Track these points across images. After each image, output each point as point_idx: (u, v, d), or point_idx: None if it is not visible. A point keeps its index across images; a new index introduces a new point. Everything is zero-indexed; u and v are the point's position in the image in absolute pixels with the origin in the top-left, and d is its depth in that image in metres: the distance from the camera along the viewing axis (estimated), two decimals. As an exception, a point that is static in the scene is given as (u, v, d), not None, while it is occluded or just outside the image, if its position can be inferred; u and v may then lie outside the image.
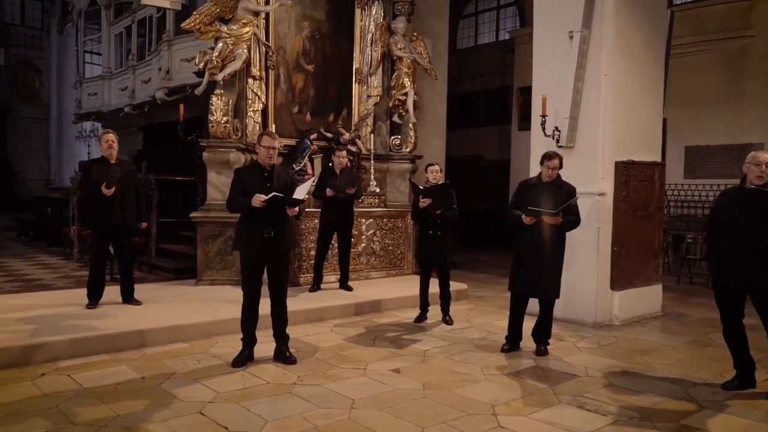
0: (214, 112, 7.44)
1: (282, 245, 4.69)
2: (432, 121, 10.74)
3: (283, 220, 4.67)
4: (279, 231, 4.65)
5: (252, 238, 4.61)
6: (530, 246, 5.04)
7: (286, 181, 4.75)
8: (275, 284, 4.77)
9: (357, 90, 9.09)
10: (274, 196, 4.40)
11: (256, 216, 4.57)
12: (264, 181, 4.64)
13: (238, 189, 4.66)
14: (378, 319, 6.52)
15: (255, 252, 4.61)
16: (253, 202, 4.45)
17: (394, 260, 8.58)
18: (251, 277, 4.67)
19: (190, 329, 5.49)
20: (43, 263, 9.88)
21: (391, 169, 9.33)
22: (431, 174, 6.20)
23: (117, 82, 15.02)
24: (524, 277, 5.10)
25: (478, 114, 15.58)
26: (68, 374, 4.47)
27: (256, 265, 4.68)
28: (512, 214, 5.11)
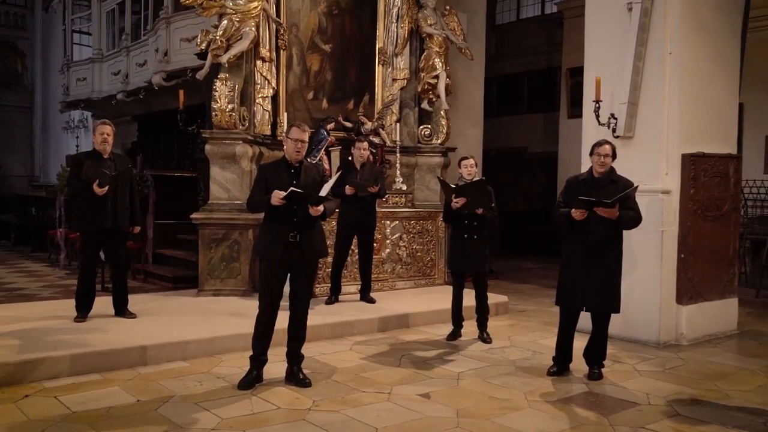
0: (218, 98, 7.52)
1: (309, 251, 4.71)
2: (467, 108, 10.71)
3: (311, 223, 4.70)
4: (306, 235, 4.68)
5: (274, 241, 4.65)
6: (581, 250, 5.00)
7: (315, 178, 4.78)
8: (297, 297, 4.80)
9: (381, 73, 9.11)
10: (293, 192, 4.44)
11: (279, 217, 4.62)
12: (290, 179, 4.68)
13: (260, 187, 4.71)
14: (404, 336, 6.51)
15: (277, 258, 4.65)
16: (272, 200, 4.50)
17: (423, 268, 8.57)
18: (270, 287, 4.71)
19: (190, 346, 5.55)
20: (27, 270, 10.09)
21: (419, 164, 9.33)
22: (465, 169, 6.19)
23: (109, 65, 15.26)
24: (574, 287, 5.05)
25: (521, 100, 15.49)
26: (55, 396, 4.54)
27: (277, 273, 4.70)
28: (560, 213, 5.07)
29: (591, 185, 5.04)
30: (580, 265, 5.01)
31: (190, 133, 9.32)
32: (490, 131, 12.03)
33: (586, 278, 4.99)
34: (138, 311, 6.43)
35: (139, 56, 13.78)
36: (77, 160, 6.20)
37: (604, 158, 5.02)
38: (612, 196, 4.84)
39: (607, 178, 5.04)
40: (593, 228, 4.93)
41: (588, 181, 5.10)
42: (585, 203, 4.83)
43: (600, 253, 4.97)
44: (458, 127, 10.13)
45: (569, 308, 5.19)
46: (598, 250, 4.97)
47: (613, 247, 5.04)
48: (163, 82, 12.15)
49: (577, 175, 5.30)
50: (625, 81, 6.49)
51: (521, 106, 15.37)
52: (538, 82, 15.09)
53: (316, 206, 4.58)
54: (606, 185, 5.01)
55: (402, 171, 8.97)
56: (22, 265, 10.78)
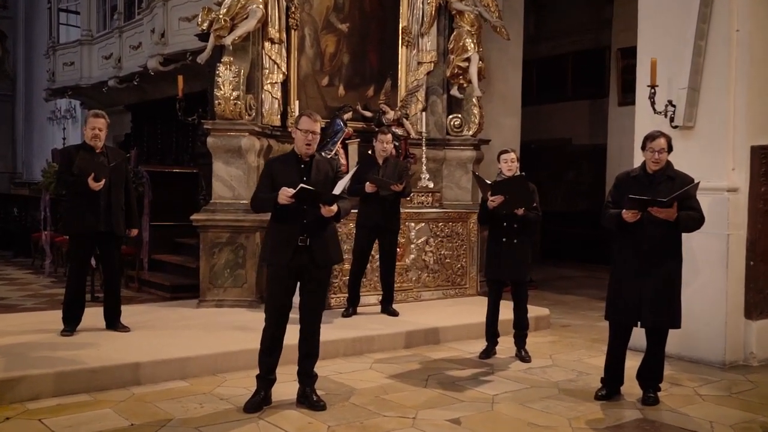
0: (222, 85, 7.57)
1: (320, 257, 4.72)
2: (503, 95, 10.67)
3: (322, 225, 4.71)
4: (317, 238, 4.69)
5: (281, 246, 4.67)
6: (634, 257, 4.95)
7: (328, 174, 4.79)
8: (308, 308, 4.81)
9: (404, 55, 9.11)
10: (302, 189, 4.44)
11: (287, 218, 4.63)
12: (300, 175, 4.69)
13: (266, 184, 4.73)
14: (432, 353, 6.50)
15: (284, 264, 4.66)
16: (279, 198, 4.51)
17: (453, 276, 8.56)
18: (278, 296, 4.72)
19: (190, 364, 5.59)
20: (8, 278, 10.22)
21: (448, 158, 9.32)
22: (505, 164, 6.16)
23: (99, 48, 15.42)
24: (627, 300, 5.01)
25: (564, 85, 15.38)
26: (39, 418, 4.58)
27: (285, 281, 4.72)
28: (608, 214, 5.03)
29: (644, 182, 5.00)
30: (634, 274, 4.96)
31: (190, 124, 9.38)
32: (528, 121, 11.95)
33: (641, 289, 4.94)
34: (132, 324, 6.48)
35: (133, 38, 13.90)
36: (67, 153, 6.27)
37: (658, 154, 4.95)
38: (668, 193, 4.78)
39: (662, 174, 4.99)
40: (648, 231, 4.88)
41: (641, 177, 5.05)
42: (637, 203, 4.77)
43: (656, 260, 4.92)
44: (492, 117, 10.09)
45: (621, 323, 5.15)
46: (654, 257, 4.92)
47: (671, 254, 4.99)
48: (160, 67, 12.24)
49: (628, 171, 5.25)
50: (684, 63, 6.42)
51: (565, 92, 15.25)
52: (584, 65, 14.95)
53: (329, 205, 4.57)
54: (662, 182, 4.96)
55: (428, 166, 8.95)
56: (2, 272, 10.92)
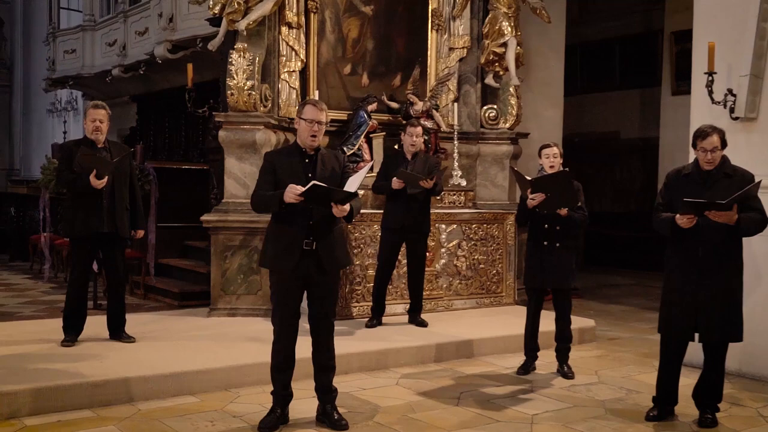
0: (235, 74, 7.61)
1: (328, 261, 4.72)
2: (543, 84, 10.61)
3: (329, 226, 4.71)
4: (324, 241, 4.69)
5: (285, 250, 4.66)
6: (690, 264, 4.90)
7: (335, 169, 4.79)
8: (318, 317, 4.82)
9: (435, 40, 9.10)
10: (314, 186, 4.43)
11: (291, 218, 4.62)
12: (304, 170, 4.69)
13: (267, 179, 4.72)
14: (465, 368, 6.49)
15: (289, 270, 4.67)
16: (285, 196, 4.48)
17: (488, 284, 8.53)
18: (284, 306, 4.73)
19: (201, 378, 5.62)
20: (4, 283, 10.36)
21: (482, 153, 9.29)
22: (547, 160, 6.14)
23: (102, 34, 15.57)
24: (681, 310, 4.96)
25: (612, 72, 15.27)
26: (38, 436, 4.65)
27: (290, 289, 4.72)
28: (660, 218, 4.98)
29: (698, 181, 4.93)
30: (689, 283, 4.91)
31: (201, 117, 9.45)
32: (571, 112, 11.89)
33: (697, 299, 4.89)
34: (137, 334, 6.54)
35: (139, 23, 14.02)
36: (68, 148, 6.34)
37: (710, 154, 4.86)
38: (727, 195, 4.71)
39: (718, 172, 4.92)
40: (705, 236, 4.82)
41: (694, 176, 4.98)
42: (693, 206, 4.70)
43: (715, 268, 4.86)
44: (532, 108, 10.04)
45: (676, 337, 5.09)
46: (712, 264, 4.86)
47: (731, 260, 4.92)
48: (168, 55, 12.33)
49: (680, 169, 5.18)
50: (746, 47, 6.35)
51: (612, 81, 15.14)
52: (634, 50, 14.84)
53: (342, 205, 4.57)
54: (718, 180, 4.89)
55: (461, 162, 8.93)
56: (-1, 276, 11.08)
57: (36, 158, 20.41)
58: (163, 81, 14.42)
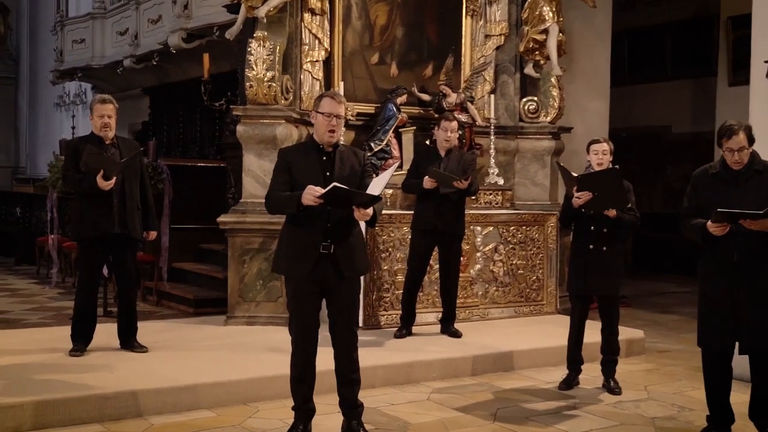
0: (254, 64, 7.64)
1: (347, 267, 4.72)
2: (587, 74, 10.54)
3: (349, 229, 4.71)
4: (343, 245, 4.69)
5: (300, 255, 4.67)
6: (724, 270, 4.85)
7: (355, 167, 4.79)
8: (338, 327, 4.81)
9: (469, 27, 9.08)
10: (335, 188, 4.43)
11: (308, 220, 4.63)
12: (321, 168, 4.69)
13: (282, 179, 4.72)
14: (502, 382, 6.47)
15: (305, 276, 4.68)
16: (303, 198, 4.48)
17: (527, 291, 8.49)
18: (301, 315, 4.74)
19: (217, 390, 5.64)
20: (10, 288, 10.48)
21: (521, 149, 9.25)
22: (595, 156, 6.09)
23: (113, 23, 15.73)
24: (718, 320, 4.91)
25: (662, 61, 15.14)
26: (45, 452, 4.70)
27: (307, 297, 4.73)
28: (689, 225, 4.93)
29: (727, 180, 4.88)
30: (726, 290, 4.85)
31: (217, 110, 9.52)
32: (618, 104, 11.79)
33: (735, 307, 4.84)
34: (150, 343, 6.58)
35: (152, 10, 14.14)
36: (74, 146, 6.39)
37: (738, 154, 4.78)
38: (758, 194, 4.69)
39: (748, 170, 4.86)
40: (739, 240, 4.76)
41: (722, 175, 4.92)
42: (726, 216, 4.65)
43: (752, 272, 4.81)
44: (575, 100, 9.99)
45: (717, 349, 5.03)
46: (749, 269, 4.81)
47: (768, 262, 4.88)
48: (183, 44, 12.42)
49: (707, 168, 5.11)
50: (811, 33, 6.27)
51: (663, 70, 15.01)
52: (687, 37, 14.71)
53: (364, 208, 4.55)
54: (749, 179, 4.83)
55: (498, 159, 8.91)
56: (3, 281, 11.20)
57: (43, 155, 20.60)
58: (177, 72, 14.53)
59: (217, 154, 12.81)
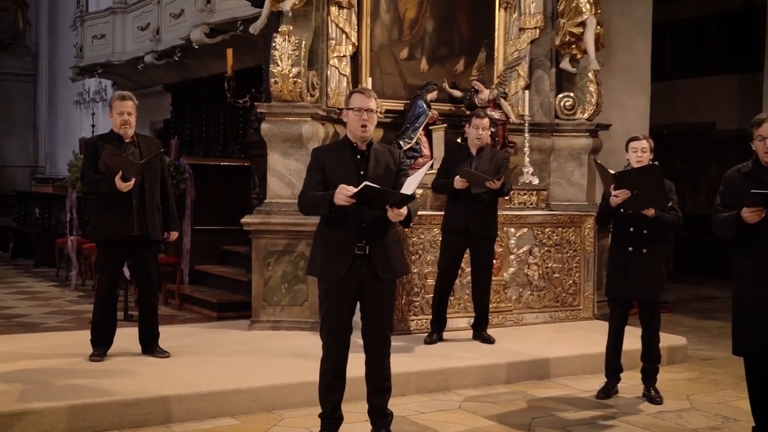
0: (279, 60, 7.67)
1: (383, 268, 4.73)
2: (626, 68, 10.51)
3: (384, 229, 4.72)
4: (378, 246, 4.70)
5: (334, 256, 4.68)
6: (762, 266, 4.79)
7: (390, 166, 4.80)
8: (372, 331, 4.82)
9: (502, 20, 9.07)
10: (366, 187, 4.44)
11: (342, 221, 4.65)
12: (355, 167, 4.72)
13: (315, 179, 4.75)
14: (537, 391, 6.45)
15: (339, 278, 4.69)
16: (335, 198, 4.50)
17: (563, 295, 8.46)
18: (334, 318, 4.75)
19: (241, 398, 5.66)
20: (29, 291, 10.60)
21: (557, 147, 9.23)
22: (635, 154, 6.06)
23: (134, 17, 15.85)
24: (755, 325, 4.84)
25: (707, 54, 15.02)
26: (64, 459, 4.75)
27: (341, 299, 4.74)
28: (722, 218, 4.89)
29: (759, 178, 4.83)
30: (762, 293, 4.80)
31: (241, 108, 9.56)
32: (659, 100, 11.73)
33: None
34: (171, 348, 6.62)
35: (174, 4, 14.23)
36: (92, 145, 6.44)
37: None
38: None
39: None
40: None
41: (755, 173, 4.88)
42: (762, 198, 4.58)
43: None
44: (614, 95, 9.96)
45: (758, 356, 4.97)
46: None
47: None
48: (206, 39, 12.49)
49: (739, 167, 5.07)
50: None
51: (707, 64, 14.89)
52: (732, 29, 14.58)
53: (398, 208, 4.57)
54: None
55: (532, 158, 8.90)
56: (22, 284, 11.33)
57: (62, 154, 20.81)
58: (200, 68, 14.62)
59: (240, 153, 12.86)
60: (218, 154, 14.64)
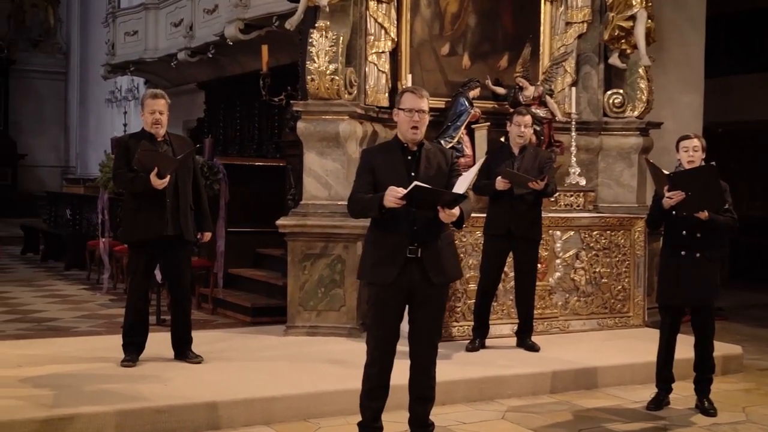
0: (316, 56, 7.70)
1: (436, 272, 4.73)
2: (679, 64, 10.42)
3: (437, 232, 4.72)
4: (431, 249, 4.70)
5: (385, 259, 4.69)
6: None
7: (441, 167, 4.80)
8: (420, 337, 4.82)
9: (548, 14, 9.03)
10: (416, 187, 4.45)
11: (393, 223, 4.66)
12: (406, 168, 4.73)
13: (365, 180, 4.78)
14: (584, 401, 6.41)
15: (390, 282, 4.69)
16: (385, 200, 4.51)
17: (612, 301, 8.40)
18: (382, 323, 4.76)
19: (276, 405, 5.68)
20: (59, 294, 10.74)
21: (606, 146, 9.18)
22: (686, 153, 6.03)
23: (167, 13, 16.01)
24: None
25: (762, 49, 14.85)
26: (95, 467, 4.80)
27: (391, 304, 4.75)
28: None
29: None
30: None
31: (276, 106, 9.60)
32: (714, 97, 11.61)
33: None
34: (205, 354, 6.66)
35: (208, 0, 14.34)
36: (124, 144, 6.50)
37: None
38: None
39: None
40: None
41: None
42: None
43: None
44: (665, 92, 9.89)
45: None
46: None
47: None
48: (240, 35, 12.58)
49: None
50: None
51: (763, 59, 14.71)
52: (791, 22, 14.41)
53: (449, 208, 4.57)
54: None
55: (579, 157, 8.84)
56: (53, 287, 11.48)
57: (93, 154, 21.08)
58: (234, 65, 14.73)
59: (276, 153, 12.94)
60: (253, 154, 14.73)
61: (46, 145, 25.28)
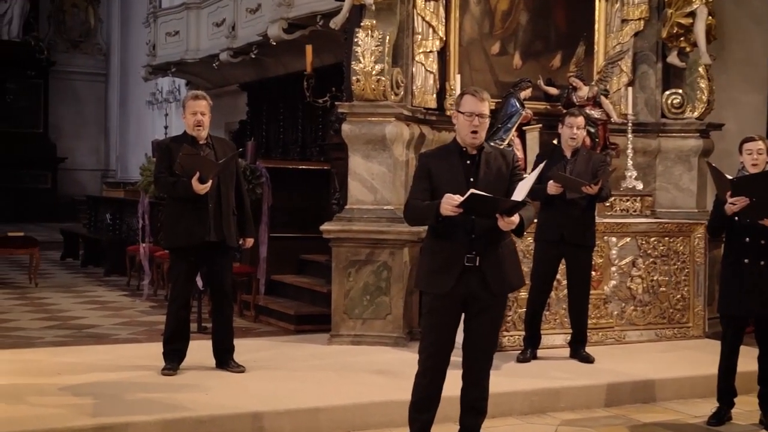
0: (361, 56, 7.72)
1: (494, 282, 4.71)
2: (741, 62, 10.31)
3: (497, 239, 4.70)
4: (490, 257, 4.69)
5: (443, 268, 4.69)
6: None
7: (502, 170, 4.78)
8: (474, 348, 4.82)
9: (603, 11, 8.98)
10: (473, 195, 4.44)
11: (451, 232, 4.65)
12: (465, 173, 4.72)
13: (422, 187, 4.78)
14: (641, 416, 6.36)
15: (447, 291, 4.69)
16: (441, 208, 4.51)
17: (670, 311, 8.33)
18: (437, 333, 4.75)
19: (321, 416, 5.70)
20: (99, 301, 10.87)
21: (664, 149, 9.10)
22: (749, 156, 5.96)
23: (209, 13, 16.15)
24: None
25: (831, 46, 14.60)
26: (136, 478, 4.86)
27: (446, 314, 4.74)
28: None
29: None
30: None
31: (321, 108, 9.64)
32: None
33: None
34: (247, 362, 6.70)
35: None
36: (165, 147, 6.56)
37: None
38: None
39: None
40: None
41: None
42: None
43: None
44: (727, 92, 9.79)
45: None
46: None
47: None
48: (284, 35, 12.64)
49: None
50: None
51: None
52: None
53: (508, 216, 4.55)
54: None
55: (636, 161, 8.78)
56: (93, 293, 11.62)
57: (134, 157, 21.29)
58: (277, 66, 14.82)
59: (320, 156, 12.98)
60: (296, 157, 14.79)
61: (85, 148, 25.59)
